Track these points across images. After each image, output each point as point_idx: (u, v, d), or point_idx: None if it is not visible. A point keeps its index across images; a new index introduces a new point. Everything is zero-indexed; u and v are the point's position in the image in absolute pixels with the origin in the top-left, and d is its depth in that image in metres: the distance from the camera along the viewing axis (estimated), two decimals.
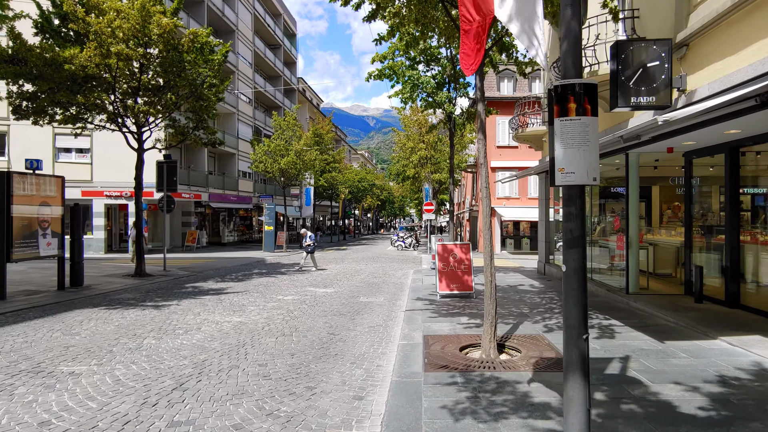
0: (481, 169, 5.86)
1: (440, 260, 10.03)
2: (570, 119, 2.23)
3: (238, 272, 15.75)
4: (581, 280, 2.37)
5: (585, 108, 2.22)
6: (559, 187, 2.36)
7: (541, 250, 14.53)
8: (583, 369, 2.37)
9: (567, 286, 2.40)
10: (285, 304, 9.39)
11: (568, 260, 2.40)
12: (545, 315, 7.82)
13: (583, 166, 2.19)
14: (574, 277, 2.36)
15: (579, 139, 2.20)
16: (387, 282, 13.29)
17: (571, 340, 2.39)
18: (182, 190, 25.22)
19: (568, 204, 2.39)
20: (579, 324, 2.37)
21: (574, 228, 2.34)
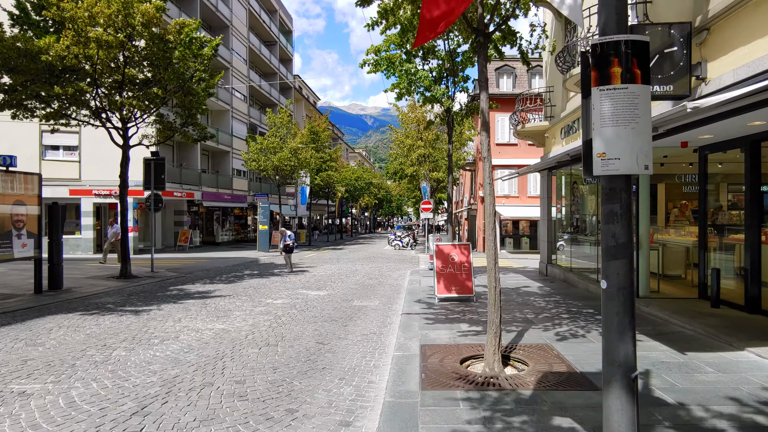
0: (484, 164, 5.31)
1: (439, 261, 9.49)
2: (613, 88, 1.69)
3: (228, 273, 15.17)
4: (628, 301, 1.82)
5: (633, 73, 1.67)
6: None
7: (543, 251, 14.00)
8: (631, 422, 1.82)
9: (608, 310, 1.85)
10: (274, 308, 8.82)
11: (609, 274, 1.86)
12: (551, 321, 7.28)
13: (631, 150, 1.66)
14: (618, 298, 1.82)
15: (625, 113, 1.66)
16: (383, 284, 12.74)
17: (615, 381, 1.84)
18: (174, 188, 24.61)
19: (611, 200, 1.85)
20: (626, 360, 1.82)
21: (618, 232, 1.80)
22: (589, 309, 8.24)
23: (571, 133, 11.34)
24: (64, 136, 22.08)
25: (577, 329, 6.67)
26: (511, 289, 10.85)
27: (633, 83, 1.69)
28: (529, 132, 13.77)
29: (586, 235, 11.49)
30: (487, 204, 5.25)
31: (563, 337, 6.27)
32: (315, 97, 59.50)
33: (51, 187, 22.09)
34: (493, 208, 5.24)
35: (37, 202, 10.41)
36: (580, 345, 5.82)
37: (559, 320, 7.34)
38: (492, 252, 5.17)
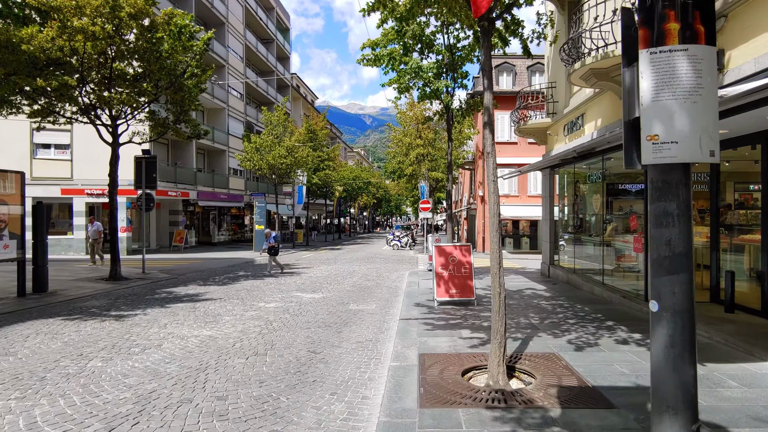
0: (487, 160, 4.92)
1: (438, 263, 9.10)
2: (668, 50, 1.29)
3: (222, 275, 14.77)
4: (687, 328, 1.43)
5: (695, 30, 1.27)
6: None
7: (545, 251, 13.62)
8: None
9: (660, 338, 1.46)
10: (265, 313, 8.42)
11: (662, 293, 1.47)
12: (558, 326, 6.90)
13: (692, 131, 1.27)
14: (675, 323, 1.42)
15: (686, 83, 1.27)
16: (380, 285, 12.35)
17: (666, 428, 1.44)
18: (168, 188, 24.20)
19: (664, 196, 1.46)
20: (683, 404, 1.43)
21: (674, 239, 1.41)
22: (596, 314, 7.85)
23: (574, 130, 10.96)
24: (55, 134, 21.67)
25: (586, 336, 6.29)
26: (514, 292, 10.47)
27: (695, 43, 1.29)
28: (531, 129, 13.39)
29: (590, 235, 11.11)
30: (491, 203, 4.87)
31: (571, 345, 5.88)
32: (313, 96, 59.05)
33: (42, 187, 21.71)
34: (497, 207, 4.86)
35: (19, 202, 10.00)
36: (591, 354, 5.44)
37: (566, 326, 6.95)
38: (496, 254, 4.78)
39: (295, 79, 50.99)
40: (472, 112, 13.31)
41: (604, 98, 9.36)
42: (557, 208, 13.33)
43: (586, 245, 11.34)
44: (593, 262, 10.79)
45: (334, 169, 36.97)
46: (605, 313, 7.89)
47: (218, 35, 30.90)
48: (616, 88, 7.99)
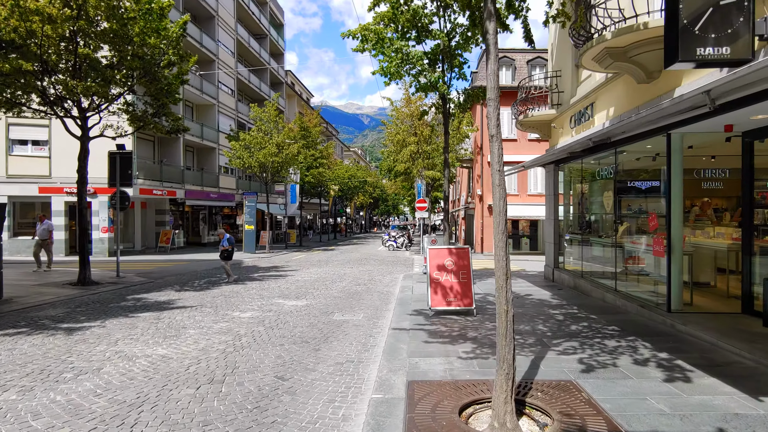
0: (492, 145, 3.97)
1: (433, 268, 8.14)
2: None
3: (203, 278, 13.77)
4: None
5: None
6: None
7: (549, 253, 12.68)
8: None
9: None
10: (237, 325, 7.44)
11: None
12: (570, 341, 5.94)
13: None
14: None
15: None
16: (371, 291, 11.39)
17: None
18: (154, 186, 23.18)
19: None
20: None
21: None
22: (612, 325, 6.90)
23: (583, 121, 10.02)
24: (32, 130, 20.64)
25: (605, 356, 5.33)
26: (517, 298, 9.52)
27: None
28: (533, 122, 12.44)
29: (600, 236, 10.17)
30: (496, 198, 3.91)
31: (589, 367, 4.92)
32: (308, 94, 58.02)
33: (19, 185, 20.67)
34: (504, 204, 3.90)
35: None
36: (615, 382, 4.48)
37: (579, 341, 6.00)
38: (503, 262, 3.82)
39: (290, 76, 49.98)
40: (471, 104, 12.37)
41: (617, 84, 8.42)
42: (562, 207, 12.39)
43: (595, 247, 10.40)
44: (604, 266, 9.86)
45: (329, 168, 36.01)
46: (622, 324, 6.93)
47: (208, 29, 29.91)
48: (634, 70, 7.05)
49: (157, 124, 14.00)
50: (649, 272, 8.06)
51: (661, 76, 6.90)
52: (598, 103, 9.29)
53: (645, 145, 8.13)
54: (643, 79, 7.09)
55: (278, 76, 42.44)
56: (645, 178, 8.43)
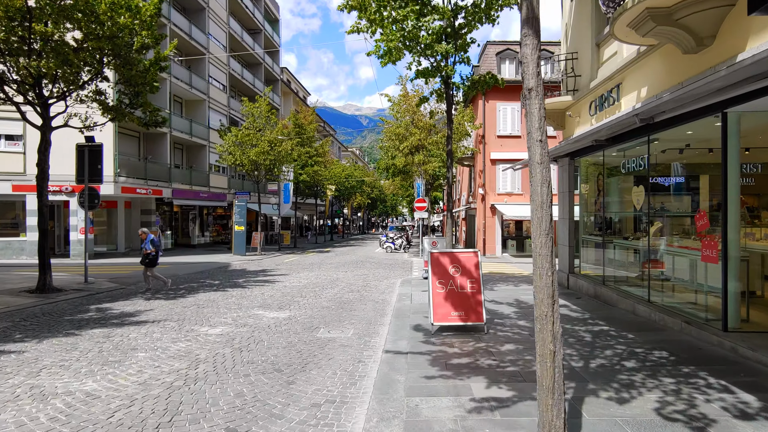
0: (531, 104, 2.72)
1: (436, 275, 6.87)
2: None
3: (182, 284, 12.49)
4: None
5: None
6: None
7: (563, 257, 11.42)
8: None
9: None
10: (200, 345, 6.17)
11: None
12: (613, 375, 4.67)
13: None
14: None
15: None
16: (365, 299, 10.12)
17: None
18: (138, 185, 21.89)
19: None
20: None
21: None
22: (657, 350, 5.62)
23: (606, 106, 8.77)
24: (5, 124, 19.33)
25: (669, 400, 4.06)
26: (531, 310, 8.25)
27: None
28: (547, 110, 11.18)
29: (626, 237, 8.92)
30: (537, 183, 2.65)
31: (652, 423, 3.65)
32: (305, 92, 56.75)
33: None
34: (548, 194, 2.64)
35: None
36: None
37: (625, 373, 4.73)
38: (547, 278, 2.56)
39: (286, 74, 48.72)
40: (476, 91, 11.13)
41: (652, 59, 7.17)
42: (578, 207, 11.15)
43: (620, 250, 9.15)
44: (631, 272, 8.61)
45: (325, 167, 34.71)
46: (669, 347, 5.67)
47: (198, 21, 28.64)
48: (680, 36, 5.79)
49: (131, 115, 12.73)
50: (694, 281, 6.80)
51: (716, 42, 5.65)
52: (626, 84, 8.04)
53: (686, 130, 6.89)
54: (691, 47, 5.84)
55: (273, 73, 41.16)
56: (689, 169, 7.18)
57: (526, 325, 6.97)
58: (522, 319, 7.41)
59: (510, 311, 8.15)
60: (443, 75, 10.38)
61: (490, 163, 24.79)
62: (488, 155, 24.77)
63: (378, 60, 10.23)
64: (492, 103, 24.90)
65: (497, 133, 24.86)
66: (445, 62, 9.95)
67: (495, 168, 24.79)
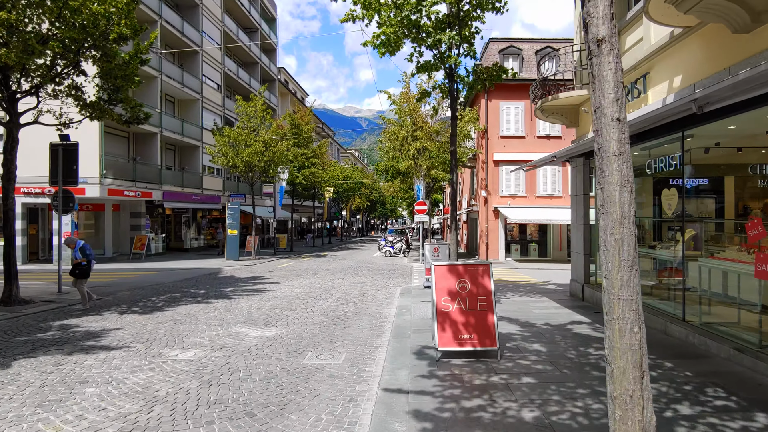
0: (602, 61, 1.78)
1: (440, 293, 5.94)
2: None
3: (165, 293, 11.54)
4: None
5: None
6: None
7: (577, 265, 10.50)
8: None
9: None
10: (163, 377, 5.23)
11: None
12: (673, 429, 3.74)
13: None
14: None
15: None
16: (361, 313, 9.19)
17: None
18: (125, 186, 20.96)
19: None
20: None
21: None
22: (709, 386, 4.68)
23: (629, 100, 7.86)
24: None
25: None
26: (548, 328, 7.32)
27: None
28: (558, 106, 10.29)
29: (653, 246, 8.00)
30: (614, 181, 1.73)
31: None
32: (303, 93, 55.87)
33: None
34: (630, 198, 1.71)
35: None
36: None
37: (686, 427, 3.79)
38: (634, 335, 1.63)
39: (283, 74, 47.88)
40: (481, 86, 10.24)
41: (689, 43, 6.27)
42: (594, 210, 10.23)
43: (645, 260, 8.23)
44: (659, 286, 7.69)
45: (323, 169, 33.78)
46: (722, 382, 4.73)
47: (191, 18, 27.76)
48: (732, 11, 4.89)
49: (111, 111, 11.82)
50: (742, 299, 5.87)
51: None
52: (654, 73, 7.14)
53: (728, 124, 5.98)
54: (744, 24, 4.93)
55: (270, 73, 40.28)
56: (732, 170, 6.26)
57: (542, 351, 6.03)
58: (537, 342, 6.48)
59: (523, 331, 7.21)
60: (447, 67, 9.50)
61: (493, 165, 23.90)
62: (491, 156, 23.88)
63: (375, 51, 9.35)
64: (495, 103, 24.02)
65: (500, 133, 23.97)
66: (449, 52, 9.05)
67: (498, 169, 23.89)
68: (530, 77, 23.75)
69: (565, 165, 24.12)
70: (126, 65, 11.27)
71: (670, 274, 7.33)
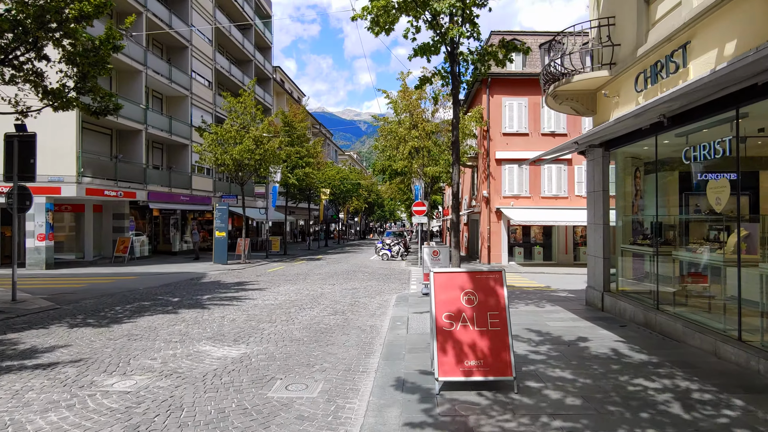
0: None
1: (441, 306, 4.73)
2: None
3: (131, 302, 10.32)
4: None
5: None
6: None
7: (595, 271, 9.30)
8: None
9: None
10: (76, 422, 4.01)
11: None
12: None
13: None
14: None
15: None
16: (349, 325, 7.98)
17: None
18: (106, 186, 19.75)
19: None
20: None
21: None
22: None
23: (663, 77, 6.68)
24: None
25: None
26: (570, 348, 6.10)
27: None
28: (575, 91, 9.11)
29: (694, 249, 6.80)
30: None
31: None
32: (300, 93, 54.72)
33: None
34: None
35: None
36: None
37: None
38: None
39: (279, 74, 46.77)
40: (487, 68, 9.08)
41: (745, 1, 5.09)
42: (614, 211, 9.04)
43: (685, 265, 7.03)
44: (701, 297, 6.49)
45: (319, 169, 32.58)
46: None
47: (180, 11, 26.63)
48: None
49: (77, 101, 10.64)
50: None
51: None
52: (697, 42, 5.96)
53: None
54: None
55: (265, 71, 39.16)
56: None
57: (569, 379, 4.82)
58: (561, 366, 5.26)
59: (540, 351, 6.00)
60: (448, 45, 8.34)
61: (495, 163, 22.72)
62: (493, 155, 22.70)
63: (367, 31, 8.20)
64: (497, 98, 22.87)
65: (503, 130, 22.80)
66: (450, 25, 7.89)
67: (500, 168, 22.71)
68: (534, 72, 22.64)
69: (572, 164, 22.95)
70: (96, 50, 10.15)
71: (720, 281, 6.12)
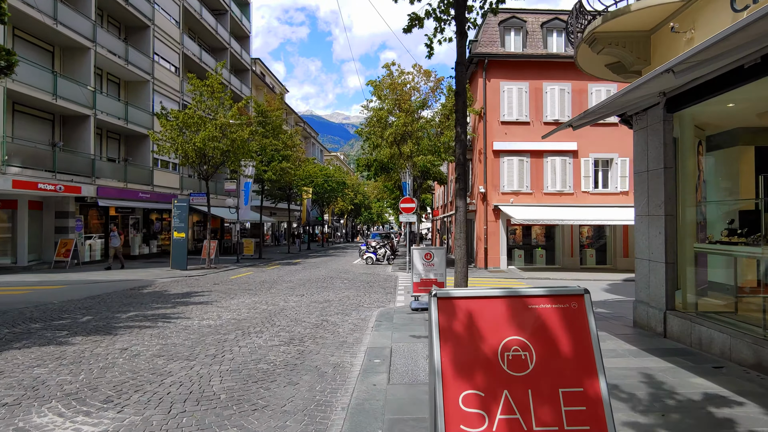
0: None
1: (458, 374, 2.08)
2: None
3: (18, 325, 7.52)
4: None
5: None
6: None
7: (651, 281, 6.77)
8: None
9: None
10: None
11: None
12: None
13: None
14: None
15: None
16: (304, 365, 5.32)
17: None
18: (42, 178, 16.80)
19: None
20: None
21: None
22: None
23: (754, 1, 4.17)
24: None
25: None
26: (662, 416, 3.53)
27: None
28: (624, 32, 6.59)
29: None
30: None
31: None
32: (282, 88, 51.77)
33: None
34: None
35: None
36: None
37: None
38: None
39: (259, 66, 43.92)
40: None
41: None
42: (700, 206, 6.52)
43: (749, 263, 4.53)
44: None
45: (299, 166, 29.79)
46: None
47: None
48: None
49: None
50: None
51: None
52: None
53: None
54: None
55: (242, 62, 36.34)
56: None
57: None
58: None
59: (616, 425, 3.40)
60: None
61: (492, 155, 20.26)
62: (490, 145, 20.24)
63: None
64: (494, 82, 20.43)
65: (501, 118, 20.35)
66: None
67: (498, 161, 20.26)
68: (535, 53, 20.29)
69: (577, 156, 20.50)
70: None
71: None
